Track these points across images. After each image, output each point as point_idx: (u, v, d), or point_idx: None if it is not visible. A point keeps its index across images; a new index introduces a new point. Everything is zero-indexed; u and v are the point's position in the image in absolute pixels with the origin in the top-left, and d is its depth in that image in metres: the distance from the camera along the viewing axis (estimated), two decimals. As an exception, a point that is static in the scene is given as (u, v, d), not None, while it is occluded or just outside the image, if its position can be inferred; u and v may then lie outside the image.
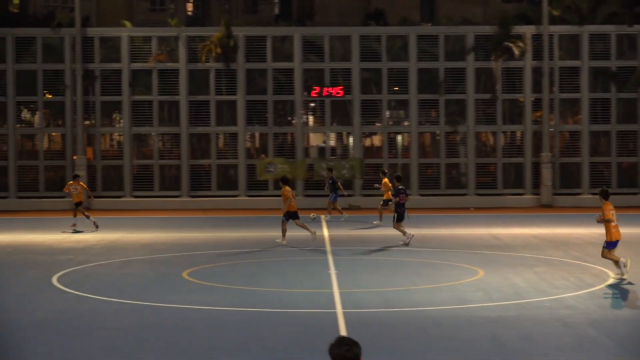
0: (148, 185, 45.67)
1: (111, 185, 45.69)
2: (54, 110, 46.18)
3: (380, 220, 35.22)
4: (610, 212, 21.76)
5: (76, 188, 34.38)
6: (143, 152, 46.45)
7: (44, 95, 45.60)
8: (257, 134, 47.03)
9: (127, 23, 47.16)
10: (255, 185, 45.46)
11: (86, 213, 34.34)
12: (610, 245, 21.95)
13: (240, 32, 46.00)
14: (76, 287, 21.47)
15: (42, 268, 24.63)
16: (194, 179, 45.46)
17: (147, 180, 45.70)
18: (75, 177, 35.52)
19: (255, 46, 46.02)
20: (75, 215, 34.02)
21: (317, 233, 30.08)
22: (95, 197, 44.54)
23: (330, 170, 39.29)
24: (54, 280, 22.51)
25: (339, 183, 38.14)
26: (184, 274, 23.29)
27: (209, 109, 45.83)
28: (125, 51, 45.56)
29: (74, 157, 44.84)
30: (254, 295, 20.31)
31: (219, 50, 45.38)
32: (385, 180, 35.47)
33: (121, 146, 46.17)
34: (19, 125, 45.63)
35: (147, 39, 45.94)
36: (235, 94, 45.79)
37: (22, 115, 46.23)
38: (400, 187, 29.87)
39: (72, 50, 45.22)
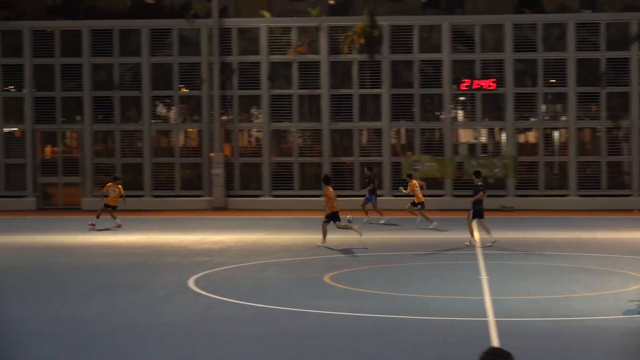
0: (287, 184, 46.04)
1: (249, 184, 46.24)
2: (190, 105, 47.02)
3: (430, 222, 34.96)
4: None
5: (114, 190, 35.59)
6: (282, 149, 46.88)
7: (180, 89, 46.49)
8: (402, 130, 46.89)
9: (266, 13, 47.68)
10: (401, 185, 45.28)
11: (114, 215, 35.70)
12: None
13: (385, 22, 45.96)
14: (212, 290, 21.80)
15: (177, 270, 25.10)
16: (335, 177, 45.61)
17: (287, 178, 46.07)
18: (116, 180, 36.77)
19: (400, 36, 45.92)
20: (98, 216, 35.60)
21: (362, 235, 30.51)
22: (233, 196, 45.22)
23: (369, 169, 39.19)
24: (190, 282, 22.91)
25: (375, 183, 38.22)
26: (325, 278, 23.39)
27: (351, 104, 45.92)
28: (264, 43, 46.07)
29: (211, 154, 45.58)
30: (398, 301, 20.24)
31: (362, 41, 45.44)
32: (414, 181, 35.83)
33: (260, 143, 46.70)
34: (154, 121, 46.62)
35: (287, 30, 46.35)
36: (379, 88, 45.77)
37: (157, 111, 47.22)
38: (479, 183, 29.93)
39: (209, 42, 45.97)
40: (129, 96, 46.29)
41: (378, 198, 38.67)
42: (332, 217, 29.71)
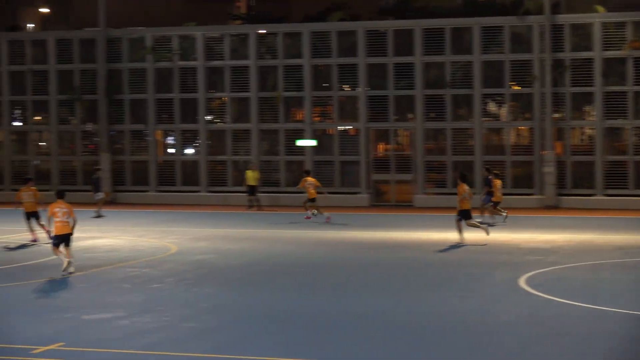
0: (621, 183, 45.02)
1: (581, 183, 45.60)
2: (521, 102, 46.95)
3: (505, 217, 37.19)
4: None
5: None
6: (616, 147, 45.91)
7: (511, 87, 46.54)
8: None
9: (600, 8, 46.85)
10: None
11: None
12: None
13: None
14: (545, 289, 21.89)
15: (509, 268, 25.33)
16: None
17: (620, 177, 45.04)
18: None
19: None
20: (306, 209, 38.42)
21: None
22: (565, 195, 44.74)
23: (487, 170, 39.06)
24: (521, 281, 23.09)
25: (495, 183, 37.86)
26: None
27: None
28: (597, 38, 45.31)
29: (542, 152, 45.36)
30: None
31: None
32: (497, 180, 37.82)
33: (592, 141, 45.97)
34: (484, 119, 46.93)
35: (621, 25, 45.34)
36: None
37: (488, 109, 47.50)
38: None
39: (540, 39, 45.74)
40: (460, 94, 46.85)
41: None
42: (463, 214, 30.82)
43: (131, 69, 49.83)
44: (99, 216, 40.53)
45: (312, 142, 47.91)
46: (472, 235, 31.90)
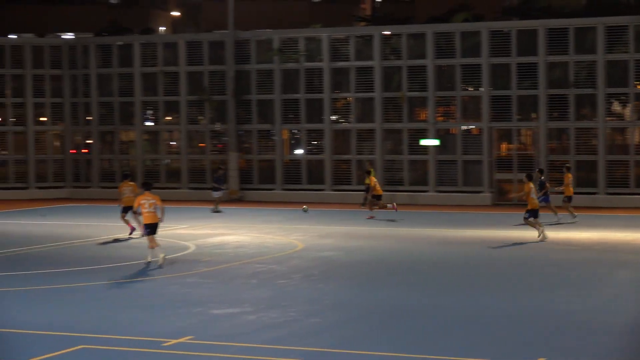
0: None
1: None
2: (645, 102, 46.23)
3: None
4: None
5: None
6: None
7: (635, 86, 45.83)
8: None
9: None
10: None
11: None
12: None
13: None
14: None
15: (632, 268, 25.11)
16: None
17: None
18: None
19: None
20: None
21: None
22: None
23: (540, 171, 38.14)
24: (643, 281, 22.91)
25: (547, 186, 37.08)
26: None
27: None
28: None
29: (667, 152, 44.61)
30: None
31: None
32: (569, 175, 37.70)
33: None
34: (608, 119, 46.33)
35: None
36: None
37: (612, 108, 46.88)
38: None
39: (666, 38, 45.00)
40: (583, 94, 46.34)
41: None
42: (532, 213, 31.43)
43: (259, 70, 50.62)
44: (216, 211, 41.61)
45: (435, 142, 47.98)
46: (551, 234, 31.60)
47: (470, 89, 48.32)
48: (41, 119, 53.63)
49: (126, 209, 32.93)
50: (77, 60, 53.36)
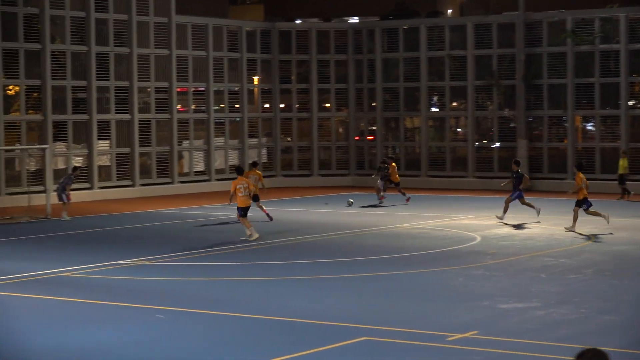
0: None
1: None
2: None
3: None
4: None
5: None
6: None
7: None
8: None
9: None
10: None
11: None
12: None
13: None
14: None
15: None
16: None
17: None
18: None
19: None
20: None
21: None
22: None
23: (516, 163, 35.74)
24: None
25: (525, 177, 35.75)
26: None
27: None
28: None
29: None
30: None
31: None
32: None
33: None
34: None
35: None
36: None
37: None
38: None
39: None
40: None
41: None
42: (580, 203, 31.56)
43: (550, 53, 49.69)
44: (380, 200, 41.07)
45: None
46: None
47: None
48: (325, 105, 54.87)
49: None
50: (363, 44, 54.18)
